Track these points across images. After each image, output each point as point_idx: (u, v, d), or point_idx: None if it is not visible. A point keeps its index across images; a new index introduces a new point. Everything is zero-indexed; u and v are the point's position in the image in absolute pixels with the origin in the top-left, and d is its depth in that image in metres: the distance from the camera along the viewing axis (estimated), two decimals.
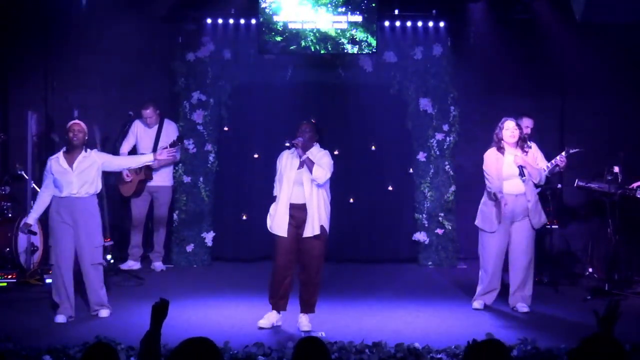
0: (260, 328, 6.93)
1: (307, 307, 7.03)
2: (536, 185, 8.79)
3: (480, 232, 7.81)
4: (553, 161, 8.69)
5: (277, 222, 6.96)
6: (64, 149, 7.42)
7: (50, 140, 9.77)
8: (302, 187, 6.93)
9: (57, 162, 7.32)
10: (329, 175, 6.96)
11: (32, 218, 7.47)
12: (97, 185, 7.37)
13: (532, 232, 7.74)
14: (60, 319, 7.21)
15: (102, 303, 7.41)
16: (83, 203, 7.27)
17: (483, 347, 3.64)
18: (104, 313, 7.39)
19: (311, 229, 6.91)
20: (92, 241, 7.30)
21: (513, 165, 7.67)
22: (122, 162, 8.09)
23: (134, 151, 9.36)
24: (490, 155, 7.77)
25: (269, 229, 7.06)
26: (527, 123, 8.75)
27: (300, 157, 6.93)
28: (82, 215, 7.25)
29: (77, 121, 7.54)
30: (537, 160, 7.93)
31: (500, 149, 7.73)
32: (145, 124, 9.37)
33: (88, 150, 7.41)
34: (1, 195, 8.91)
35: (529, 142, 8.76)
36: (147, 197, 9.39)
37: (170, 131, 9.41)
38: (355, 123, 9.95)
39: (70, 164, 7.29)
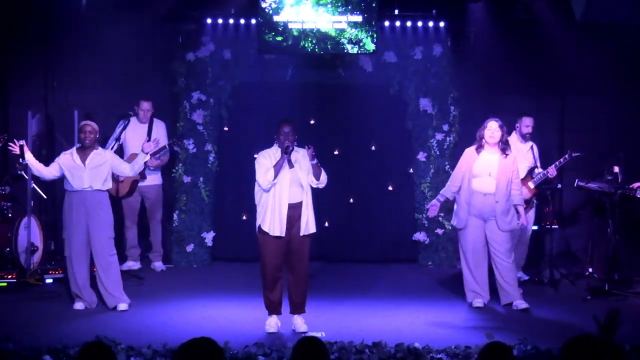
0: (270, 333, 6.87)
1: (299, 308, 6.98)
2: (536, 186, 8.81)
3: (457, 231, 7.94)
4: (548, 169, 8.74)
5: (275, 222, 6.81)
6: (78, 145, 7.73)
7: (51, 141, 9.76)
8: (297, 186, 6.88)
9: (70, 156, 7.64)
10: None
11: (30, 156, 7.67)
12: (108, 182, 7.68)
13: (506, 232, 7.73)
14: (79, 306, 7.55)
15: (121, 296, 7.59)
16: (95, 197, 7.57)
17: (490, 351, 3.63)
18: (123, 306, 7.55)
19: (305, 227, 6.90)
20: (105, 233, 7.58)
21: (486, 164, 7.73)
22: (126, 168, 7.81)
23: (121, 150, 9.21)
24: (466, 153, 7.92)
25: (263, 229, 6.83)
26: (528, 122, 8.82)
27: (311, 161, 6.85)
28: (94, 209, 7.54)
29: (88, 122, 7.77)
30: (517, 165, 7.95)
31: (479, 148, 7.81)
32: (137, 118, 9.31)
33: (100, 148, 7.76)
34: (1, 195, 8.90)
35: (529, 143, 8.81)
36: (138, 197, 9.35)
37: (160, 129, 9.40)
38: (355, 123, 9.95)
39: (83, 160, 7.60)
